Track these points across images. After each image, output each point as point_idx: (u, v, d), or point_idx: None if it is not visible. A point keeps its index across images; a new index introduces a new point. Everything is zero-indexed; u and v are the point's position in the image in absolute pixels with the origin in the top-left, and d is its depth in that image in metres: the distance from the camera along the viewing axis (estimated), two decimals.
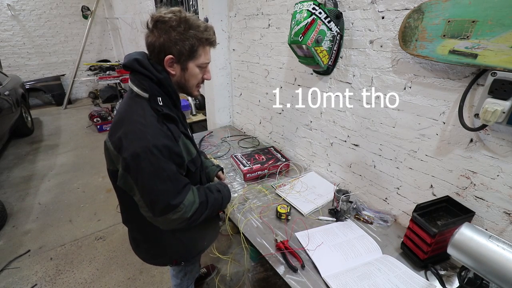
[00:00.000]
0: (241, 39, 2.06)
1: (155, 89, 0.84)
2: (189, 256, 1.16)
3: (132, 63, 0.83)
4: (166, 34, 0.80)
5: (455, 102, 0.97)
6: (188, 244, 1.09)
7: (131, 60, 0.83)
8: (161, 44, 0.81)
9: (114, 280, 1.90)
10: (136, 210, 0.91)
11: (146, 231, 1.01)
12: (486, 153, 0.94)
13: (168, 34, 0.80)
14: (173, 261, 1.12)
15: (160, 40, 0.81)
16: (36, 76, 5.89)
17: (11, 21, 5.45)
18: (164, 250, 1.07)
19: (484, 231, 0.73)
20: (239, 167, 1.63)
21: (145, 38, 0.85)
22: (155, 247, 1.06)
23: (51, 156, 3.70)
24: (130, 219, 1.04)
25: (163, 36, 0.81)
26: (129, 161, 0.79)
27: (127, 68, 0.85)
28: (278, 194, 1.47)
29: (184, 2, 3.07)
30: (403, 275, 0.97)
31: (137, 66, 0.83)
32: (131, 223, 1.06)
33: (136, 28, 4.91)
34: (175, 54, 0.83)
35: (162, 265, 1.19)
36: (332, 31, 1.25)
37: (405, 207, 1.25)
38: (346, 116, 1.40)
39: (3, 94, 3.52)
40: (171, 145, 0.82)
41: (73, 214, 2.55)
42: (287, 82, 1.73)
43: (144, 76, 0.83)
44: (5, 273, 1.96)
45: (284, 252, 1.08)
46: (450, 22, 0.86)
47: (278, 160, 1.70)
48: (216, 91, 2.33)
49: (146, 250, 1.10)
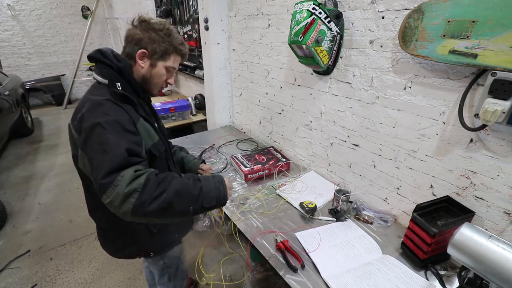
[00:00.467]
0: (241, 39, 2.06)
1: (114, 76, 0.89)
2: (159, 247, 1.13)
3: (95, 53, 0.91)
4: (147, 32, 0.91)
5: (455, 102, 0.97)
6: (156, 232, 1.06)
7: (95, 51, 0.91)
8: (139, 38, 0.91)
9: (114, 280, 1.90)
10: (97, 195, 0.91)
11: (111, 218, 0.95)
12: (486, 153, 0.94)
13: (149, 33, 0.91)
14: (141, 251, 1.10)
15: (140, 35, 0.91)
16: (36, 76, 5.88)
17: (11, 21, 5.45)
18: (132, 239, 1.06)
19: (484, 231, 0.73)
20: (240, 168, 1.63)
21: (126, 31, 0.94)
22: (123, 236, 1.05)
23: (51, 156, 3.70)
24: (95, 206, 1.03)
25: (144, 33, 0.91)
26: (83, 138, 0.80)
27: (91, 58, 0.91)
28: (278, 194, 1.47)
29: (184, 2, 3.07)
30: (403, 275, 0.97)
31: (99, 55, 0.90)
32: (97, 212, 1.04)
33: None
34: (148, 50, 0.92)
35: (131, 257, 1.12)
36: (332, 31, 1.25)
37: (405, 207, 1.25)
38: (346, 116, 1.40)
39: (3, 94, 3.52)
40: (124, 121, 0.82)
41: (73, 214, 2.55)
42: (287, 82, 1.73)
43: (105, 64, 0.90)
44: (5, 273, 1.96)
45: (284, 252, 1.08)
46: (450, 22, 0.86)
47: (278, 160, 1.70)
48: (216, 91, 2.33)
49: (113, 240, 1.08)
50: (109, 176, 0.74)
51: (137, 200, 0.73)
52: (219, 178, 0.93)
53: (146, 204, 0.74)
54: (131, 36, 0.92)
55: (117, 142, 0.78)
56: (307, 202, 1.30)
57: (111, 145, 0.77)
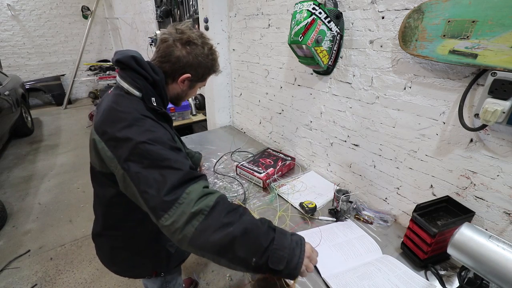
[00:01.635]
0: (241, 39, 2.06)
1: (149, 89, 0.83)
2: (172, 267, 1.07)
3: (129, 60, 0.81)
4: (196, 58, 0.88)
5: (455, 102, 0.97)
6: (173, 253, 1.02)
7: (128, 57, 0.81)
8: (187, 62, 0.88)
9: (114, 280, 1.90)
10: (125, 215, 0.88)
11: (131, 237, 0.94)
12: (486, 153, 0.94)
13: (198, 59, 0.89)
14: (153, 272, 1.03)
15: (188, 60, 0.88)
16: (36, 76, 5.89)
17: (11, 21, 5.45)
18: (148, 260, 0.99)
19: (484, 231, 0.73)
20: (254, 175, 1.55)
21: (167, 46, 0.86)
22: (138, 256, 0.98)
23: (51, 156, 3.71)
24: (111, 225, 0.94)
25: (193, 58, 0.88)
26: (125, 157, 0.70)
27: (122, 64, 0.82)
28: (278, 194, 1.47)
29: (184, 2, 3.07)
30: (403, 275, 0.97)
31: (134, 63, 0.81)
32: (113, 230, 0.95)
33: (136, 28, 4.91)
34: (193, 75, 0.90)
35: (139, 277, 1.06)
36: (332, 31, 1.25)
37: (405, 207, 1.25)
38: (346, 116, 1.40)
39: (3, 94, 3.52)
40: (169, 139, 0.77)
41: (73, 214, 2.55)
42: (287, 82, 1.73)
43: (139, 74, 0.81)
44: (5, 273, 1.96)
45: None
46: (450, 22, 0.86)
47: (284, 160, 1.70)
48: (216, 91, 2.34)
49: (125, 260, 1.00)
50: (174, 192, 0.65)
51: (200, 224, 0.63)
52: (298, 238, 0.73)
53: (209, 232, 0.63)
54: (177, 57, 0.86)
55: (175, 156, 0.71)
56: (307, 202, 1.30)
57: (170, 159, 0.69)
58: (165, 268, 1.05)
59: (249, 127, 2.30)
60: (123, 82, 0.82)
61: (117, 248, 0.98)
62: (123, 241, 0.96)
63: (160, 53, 0.88)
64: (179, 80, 0.90)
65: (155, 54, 0.90)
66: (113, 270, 1.04)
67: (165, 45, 0.87)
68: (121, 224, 0.92)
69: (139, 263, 1.00)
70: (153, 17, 3.97)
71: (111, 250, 1.00)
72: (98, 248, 1.04)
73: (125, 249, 0.97)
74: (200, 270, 1.94)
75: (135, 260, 0.99)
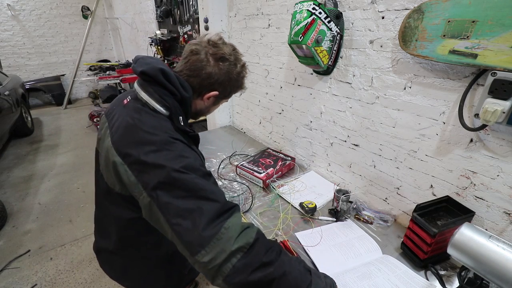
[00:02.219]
0: (241, 39, 2.06)
1: (177, 108, 0.76)
2: (183, 284, 1.06)
3: (157, 73, 0.72)
4: (227, 75, 0.83)
5: (455, 102, 0.97)
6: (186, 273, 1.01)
7: (156, 70, 0.72)
8: (218, 80, 0.82)
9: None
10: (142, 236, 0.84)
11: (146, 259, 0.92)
12: (486, 153, 0.94)
13: (229, 77, 0.83)
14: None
15: (219, 77, 0.81)
16: (36, 76, 5.89)
17: (11, 21, 5.45)
18: (159, 278, 0.97)
19: (484, 231, 0.73)
20: (254, 175, 1.55)
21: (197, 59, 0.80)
22: (150, 275, 0.95)
23: (51, 156, 3.71)
24: (130, 245, 0.89)
25: (224, 75, 0.82)
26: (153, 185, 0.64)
27: (148, 76, 0.74)
28: (278, 194, 1.47)
29: (184, 2, 3.07)
30: (403, 275, 0.97)
31: (163, 78, 0.73)
32: (130, 250, 0.90)
33: (136, 28, 4.91)
34: (220, 92, 0.85)
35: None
36: (332, 31, 1.25)
37: (405, 207, 1.25)
38: (346, 116, 1.40)
39: (3, 94, 3.52)
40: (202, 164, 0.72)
41: (73, 214, 2.55)
42: (287, 82, 1.73)
43: (166, 90, 0.74)
44: (5, 273, 1.96)
45: None
46: (450, 22, 0.86)
47: (284, 160, 1.70)
48: None
49: (135, 277, 0.96)
50: (211, 227, 0.60)
51: (239, 261, 0.59)
52: (331, 281, 0.73)
53: (249, 271, 0.59)
54: (208, 73, 0.79)
55: (210, 186, 0.66)
56: (307, 202, 1.30)
57: (206, 190, 0.64)
58: (176, 286, 1.04)
59: (249, 127, 2.30)
60: (148, 97, 0.73)
61: (130, 267, 0.94)
62: (136, 260, 0.92)
63: (189, 65, 0.80)
64: (205, 96, 0.84)
65: (182, 66, 0.82)
66: (125, 285, 1.02)
67: (195, 58, 0.79)
68: (137, 245, 0.88)
69: (151, 280, 0.97)
70: (153, 17, 3.97)
71: (123, 267, 0.95)
72: (107, 263, 0.99)
73: (138, 268, 0.94)
74: None
75: (147, 278, 0.95)
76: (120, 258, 0.93)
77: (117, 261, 0.95)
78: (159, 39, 3.71)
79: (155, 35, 3.81)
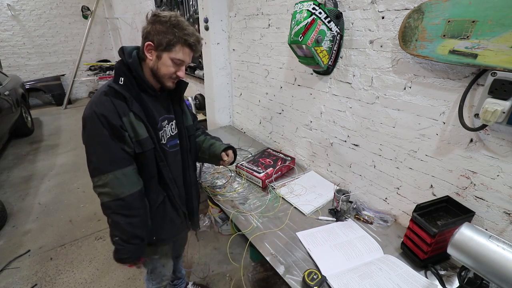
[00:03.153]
0: (241, 39, 2.06)
1: (121, 70, 0.95)
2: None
3: (119, 50, 0.98)
4: (153, 25, 0.93)
5: (455, 102, 0.97)
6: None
7: (119, 48, 0.98)
8: (147, 32, 0.94)
9: (114, 280, 1.90)
10: None
11: None
12: (486, 153, 0.94)
13: (155, 26, 0.93)
14: None
15: (148, 29, 0.94)
16: (36, 76, 5.88)
17: (11, 21, 5.45)
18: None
19: (484, 231, 0.73)
20: (253, 175, 1.56)
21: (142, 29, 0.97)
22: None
23: (51, 156, 3.70)
24: None
25: (151, 26, 0.93)
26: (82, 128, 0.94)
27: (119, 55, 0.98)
28: (278, 194, 1.47)
29: (184, 2, 3.07)
30: (404, 274, 0.97)
31: (120, 51, 0.98)
32: None
33: (136, 28, 4.91)
34: (154, 42, 0.94)
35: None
36: (332, 31, 1.25)
37: (405, 207, 1.25)
38: (346, 116, 1.40)
39: (3, 94, 3.52)
40: (109, 115, 0.90)
41: (73, 214, 2.54)
42: (287, 82, 1.73)
43: (121, 60, 0.97)
44: (5, 273, 1.96)
45: None
46: (450, 22, 0.86)
47: (284, 160, 1.70)
48: (216, 91, 2.33)
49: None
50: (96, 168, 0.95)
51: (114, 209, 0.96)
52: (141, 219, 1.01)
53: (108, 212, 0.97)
54: (142, 30, 0.96)
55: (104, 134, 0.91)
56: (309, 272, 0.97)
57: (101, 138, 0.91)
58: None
59: (249, 127, 2.30)
60: None
61: None
62: None
63: None
64: (145, 50, 0.96)
65: None
66: None
67: None
68: None
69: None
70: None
71: None
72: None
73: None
74: (200, 270, 1.94)
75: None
76: None
77: None
78: None
79: None
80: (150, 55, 0.96)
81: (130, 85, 0.96)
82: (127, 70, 0.95)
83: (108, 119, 0.90)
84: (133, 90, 0.96)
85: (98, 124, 0.90)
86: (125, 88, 0.95)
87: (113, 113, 0.91)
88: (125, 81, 0.95)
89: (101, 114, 0.90)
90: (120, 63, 0.97)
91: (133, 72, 0.95)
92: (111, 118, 0.90)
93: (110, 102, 0.92)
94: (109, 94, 0.93)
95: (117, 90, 0.93)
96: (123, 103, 0.94)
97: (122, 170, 0.94)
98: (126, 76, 0.95)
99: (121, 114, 0.93)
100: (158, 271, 1.29)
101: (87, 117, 0.91)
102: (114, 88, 0.93)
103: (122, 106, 0.94)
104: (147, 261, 1.25)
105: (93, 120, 0.90)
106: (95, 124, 0.90)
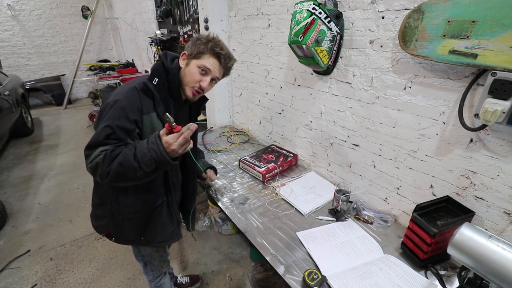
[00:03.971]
0: (241, 39, 2.06)
1: (158, 72, 1.02)
2: (122, 235, 1.15)
3: (162, 54, 1.08)
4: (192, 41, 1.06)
5: (455, 102, 0.97)
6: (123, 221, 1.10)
7: (163, 52, 1.09)
8: (187, 46, 1.06)
9: (114, 280, 1.90)
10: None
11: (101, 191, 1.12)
12: (486, 153, 0.94)
13: (194, 41, 1.05)
14: (105, 230, 1.16)
15: (188, 44, 1.06)
16: (36, 76, 5.88)
17: (11, 21, 5.45)
18: (104, 214, 1.12)
19: (484, 231, 0.73)
20: (254, 169, 1.59)
21: None
22: (101, 207, 1.13)
23: (51, 156, 3.70)
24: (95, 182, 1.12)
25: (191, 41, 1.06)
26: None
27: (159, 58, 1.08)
28: (278, 194, 1.47)
29: (184, 2, 3.07)
30: (404, 274, 0.97)
31: (163, 55, 1.07)
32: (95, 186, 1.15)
33: (136, 28, 4.90)
34: (188, 52, 1.05)
35: (98, 231, 1.20)
36: (332, 31, 1.25)
37: (405, 207, 1.25)
38: (346, 116, 1.40)
39: (3, 94, 3.52)
40: (130, 110, 0.94)
41: (73, 214, 2.54)
42: (287, 82, 1.73)
43: (161, 62, 1.05)
44: (5, 273, 1.96)
45: None
46: (450, 22, 0.86)
47: (287, 156, 1.71)
48: (216, 91, 2.33)
49: (93, 209, 1.18)
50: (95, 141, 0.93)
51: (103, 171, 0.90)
52: (153, 137, 0.86)
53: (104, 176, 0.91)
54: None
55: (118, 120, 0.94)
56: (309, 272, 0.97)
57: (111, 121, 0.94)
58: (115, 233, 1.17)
59: (249, 127, 2.30)
60: None
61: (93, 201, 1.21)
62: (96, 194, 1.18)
63: None
64: (180, 58, 1.07)
65: None
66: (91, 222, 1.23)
67: None
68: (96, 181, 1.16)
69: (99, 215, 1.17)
70: (153, 17, 3.96)
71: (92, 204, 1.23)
72: None
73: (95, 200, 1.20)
74: (200, 270, 1.94)
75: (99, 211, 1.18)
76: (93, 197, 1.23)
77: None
78: (159, 39, 3.70)
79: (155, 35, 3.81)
80: (182, 63, 1.06)
81: (162, 87, 1.02)
82: (164, 73, 1.02)
83: (128, 113, 0.94)
84: (163, 92, 1.02)
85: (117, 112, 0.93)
86: (156, 88, 1.00)
87: (135, 109, 0.96)
88: (158, 82, 1.01)
89: (123, 106, 0.94)
90: (160, 65, 1.03)
91: (169, 76, 1.03)
92: (131, 113, 0.95)
93: (138, 97, 0.97)
94: (141, 90, 0.98)
95: (150, 88, 0.98)
96: (151, 102, 1.00)
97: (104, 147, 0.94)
98: (161, 78, 1.01)
99: (144, 111, 0.97)
100: (157, 262, 1.34)
101: (108, 104, 0.96)
102: (148, 86, 0.98)
103: (149, 104, 0.99)
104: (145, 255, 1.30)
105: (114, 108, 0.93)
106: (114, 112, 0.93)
